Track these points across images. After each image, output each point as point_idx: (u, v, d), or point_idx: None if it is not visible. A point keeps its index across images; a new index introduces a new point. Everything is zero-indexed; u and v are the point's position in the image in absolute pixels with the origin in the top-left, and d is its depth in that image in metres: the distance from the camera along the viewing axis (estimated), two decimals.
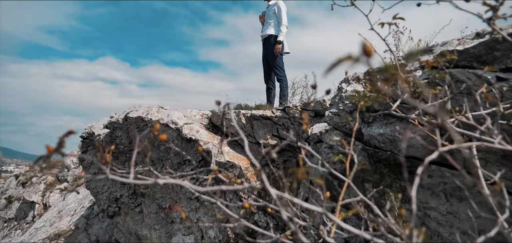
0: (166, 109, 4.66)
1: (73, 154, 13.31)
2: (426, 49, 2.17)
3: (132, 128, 4.70)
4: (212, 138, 4.41)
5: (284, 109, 4.14)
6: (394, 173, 2.35)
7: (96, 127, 5.87)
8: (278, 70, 6.24)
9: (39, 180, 13.92)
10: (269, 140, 4.22)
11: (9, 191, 15.48)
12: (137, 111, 4.67)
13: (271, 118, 4.18)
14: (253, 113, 4.27)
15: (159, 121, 4.43)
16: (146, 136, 4.62)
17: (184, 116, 4.58)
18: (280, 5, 6.35)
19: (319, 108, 3.92)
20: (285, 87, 6.21)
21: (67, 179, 12.76)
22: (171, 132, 4.39)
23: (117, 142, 5.09)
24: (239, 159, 4.29)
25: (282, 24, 6.27)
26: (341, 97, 2.67)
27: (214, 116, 4.61)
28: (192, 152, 4.33)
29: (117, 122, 4.87)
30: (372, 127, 2.32)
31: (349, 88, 2.67)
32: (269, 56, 6.32)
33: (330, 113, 2.69)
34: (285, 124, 4.13)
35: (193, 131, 4.30)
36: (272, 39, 6.32)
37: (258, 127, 4.28)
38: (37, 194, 13.10)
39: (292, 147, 4.17)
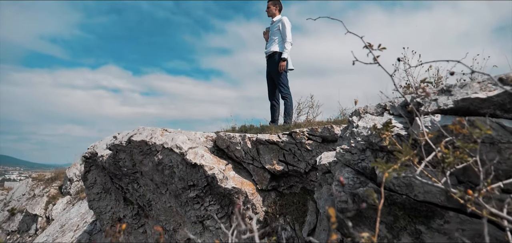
0: (170, 132, 4.58)
1: (75, 166, 13.24)
2: (444, 89, 2.07)
3: (135, 152, 4.62)
4: (217, 163, 4.32)
5: (290, 134, 4.05)
6: (409, 216, 2.25)
7: (99, 147, 5.79)
8: (283, 88, 6.16)
9: (42, 193, 13.86)
10: (275, 165, 4.12)
11: (12, 202, 15.43)
12: (140, 134, 4.59)
13: (277, 143, 4.09)
14: (259, 137, 4.18)
15: (163, 145, 4.35)
16: (150, 159, 4.53)
17: (189, 140, 4.49)
18: (285, 22, 6.29)
19: (326, 134, 3.82)
20: (290, 105, 6.12)
21: (69, 191, 12.69)
22: (175, 156, 4.30)
23: (121, 164, 5.01)
24: (244, 184, 4.19)
25: (286, 41, 6.21)
26: (353, 132, 2.58)
27: (219, 139, 4.53)
28: (197, 177, 4.24)
29: (120, 145, 4.79)
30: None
31: (361, 123, 2.58)
32: (274, 73, 6.24)
33: (342, 150, 2.60)
34: (291, 149, 4.04)
35: (198, 156, 4.21)
36: (276, 56, 6.25)
37: (264, 152, 4.19)
38: (40, 207, 13.04)
39: (298, 172, 4.08)
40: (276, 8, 6.52)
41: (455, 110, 1.88)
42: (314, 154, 3.89)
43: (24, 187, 15.44)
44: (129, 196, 5.45)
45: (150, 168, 4.57)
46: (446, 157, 1.21)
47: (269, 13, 6.56)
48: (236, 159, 4.47)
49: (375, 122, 2.49)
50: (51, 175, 15.25)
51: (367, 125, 2.48)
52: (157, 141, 4.40)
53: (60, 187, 13.49)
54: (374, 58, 1.39)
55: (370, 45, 1.41)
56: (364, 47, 1.42)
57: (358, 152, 2.48)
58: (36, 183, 15.10)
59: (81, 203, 11.27)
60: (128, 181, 5.18)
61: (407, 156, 1.37)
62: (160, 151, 4.40)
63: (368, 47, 1.41)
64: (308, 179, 4.06)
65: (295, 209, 4.07)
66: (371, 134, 2.37)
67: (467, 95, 1.82)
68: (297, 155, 4.01)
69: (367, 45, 1.41)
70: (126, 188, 5.32)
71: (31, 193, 14.64)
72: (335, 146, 3.85)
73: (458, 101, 1.84)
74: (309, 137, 3.92)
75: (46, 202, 12.97)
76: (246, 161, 4.34)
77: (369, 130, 2.42)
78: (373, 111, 2.68)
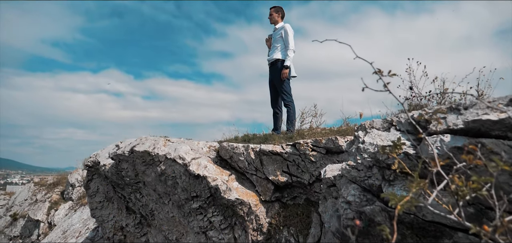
0: (173, 142, 4.55)
1: (77, 171, 13.23)
2: (453, 107, 2.03)
3: (138, 162, 4.59)
4: (221, 173, 4.28)
5: (294, 145, 4.01)
6: (417, 236, 2.20)
7: (101, 155, 5.77)
8: (285, 96, 6.12)
9: (44, 198, 13.84)
10: (279, 176, 4.08)
11: (14, 207, 15.42)
12: (143, 144, 4.56)
13: (281, 154, 4.05)
14: (262, 148, 4.14)
15: (166, 156, 4.32)
16: (153, 170, 4.50)
17: (192, 150, 4.46)
18: (287, 29, 6.26)
19: (330, 146, 3.78)
20: (292, 113, 6.08)
21: (71, 197, 12.67)
22: (178, 167, 4.27)
23: (123, 174, 4.98)
24: (248, 196, 4.15)
25: (289, 49, 6.18)
26: (359, 148, 2.54)
27: (222, 150, 4.49)
28: (200, 188, 4.21)
29: (122, 155, 4.76)
30: (394, 187, 2.18)
31: (367, 138, 2.54)
32: (276, 81, 6.21)
33: (348, 166, 2.56)
34: (295, 161, 4.00)
35: (200, 167, 4.18)
36: (279, 64, 6.22)
37: (268, 163, 4.15)
38: (42, 212, 13.02)
39: (302, 183, 4.04)
40: (278, 15, 6.49)
41: (465, 131, 1.85)
42: (318, 165, 3.85)
43: (26, 192, 15.44)
44: (131, 205, 5.42)
45: (153, 178, 4.54)
46: (460, 190, 1.17)
47: (271, 20, 6.54)
48: (239, 170, 4.44)
49: (381, 138, 2.45)
50: (53, 180, 15.24)
51: (374, 141, 2.45)
52: (160, 152, 4.37)
53: (62, 193, 13.48)
54: (384, 85, 1.36)
55: (380, 71, 1.38)
56: (374, 73, 1.38)
57: (365, 169, 2.44)
58: (38, 188, 15.09)
59: (83, 209, 11.25)
60: (130, 191, 5.15)
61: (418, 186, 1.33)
62: (163, 162, 4.36)
63: (378, 73, 1.37)
64: (312, 190, 4.02)
65: (299, 221, 4.03)
66: (378, 151, 2.33)
67: (477, 116, 1.78)
68: (301, 166, 3.97)
69: (377, 71, 1.38)
70: (129, 197, 5.30)
71: (33, 198, 14.63)
72: (339, 157, 3.81)
73: (469, 122, 1.80)
74: (313, 148, 3.88)
75: (48, 207, 12.95)
76: (250, 172, 4.31)
77: (375, 147, 2.38)
78: (379, 127, 2.64)
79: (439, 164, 1.35)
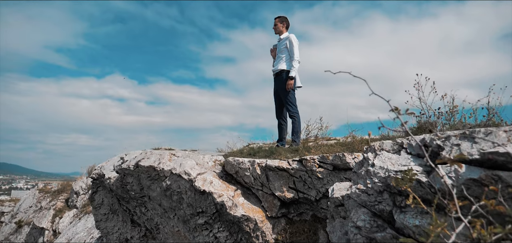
0: (178, 157, 4.51)
1: (82, 179, 13.24)
2: (467, 134, 1.98)
3: (143, 177, 4.56)
4: (226, 189, 4.24)
5: (301, 161, 3.97)
6: None
7: (106, 168, 5.75)
8: (290, 107, 6.08)
9: (48, 205, 13.86)
10: (285, 192, 4.04)
11: (19, 214, 15.45)
12: (148, 159, 4.53)
13: (287, 170, 4.01)
14: (268, 164, 4.10)
15: (171, 171, 4.28)
16: (158, 185, 4.47)
17: (197, 165, 4.42)
18: (292, 39, 6.22)
19: (337, 162, 3.73)
20: (298, 124, 6.03)
21: (76, 205, 12.67)
22: (184, 183, 4.23)
23: (128, 187, 4.95)
24: (254, 212, 4.11)
25: (294, 59, 6.14)
26: (369, 171, 2.49)
27: (227, 165, 4.45)
28: (206, 204, 4.17)
29: (128, 169, 4.74)
30: (406, 215, 2.13)
31: (377, 161, 2.49)
32: (281, 91, 6.17)
33: (357, 190, 2.51)
34: (302, 177, 3.95)
35: (206, 182, 4.14)
36: (284, 75, 6.18)
37: (274, 178, 4.11)
38: (47, 220, 13.02)
39: (308, 200, 3.99)
40: (283, 25, 6.46)
41: (480, 161, 1.79)
42: (325, 182, 3.80)
43: (31, 199, 15.47)
44: (136, 218, 5.39)
45: (158, 193, 4.51)
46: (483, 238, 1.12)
47: (276, 30, 6.51)
48: (245, 185, 4.39)
49: (392, 161, 2.40)
50: (57, 187, 15.27)
51: (384, 165, 2.40)
52: (165, 167, 4.34)
53: (67, 200, 13.48)
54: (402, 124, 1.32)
55: (396, 109, 1.34)
56: (391, 111, 1.34)
57: (375, 194, 2.39)
58: (43, 195, 15.12)
59: (88, 217, 11.24)
60: (135, 204, 5.12)
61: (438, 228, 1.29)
62: (168, 177, 4.33)
63: (395, 111, 1.33)
64: (319, 206, 3.97)
65: (305, 238, 3.98)
66: (388, 176, 2.28)
67: (494, 147, 1.73)
68: (307, 182, 3.92)
69: (393, 109, 1.34)
70: (134, 210, 5.27)
71: (38, 205, 14.66)
72: (346, 174, 3.76)
73: (485, 154, 1.75)
74: (320, 165, 3.84)
75: (53, 215, 12.96)
76: (255, 187, 4.27)
77: (386, 171, 2.33)
78: (389, 149, 2.59)
79: (458, 207, 1.30)
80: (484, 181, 1.71)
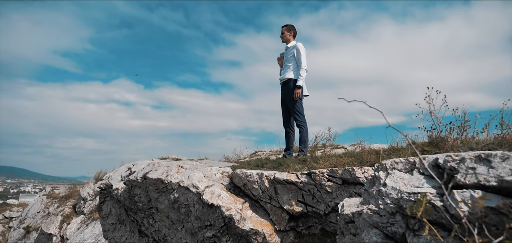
0: (186, 169, 4.50)
1: (89, 185, 13.30)
2: (482, 158, 1.94)
3: (151, 189, 4.55)
4: (234, 202, 4.22)
5: (309, 175, 3.93)
6: None
7: (113, 178, 5.75)
8: (298, 116, 6.05)
9: (56, 211, 13.94)
10: (294, 206, 4.00)
11: (27, 220, 15.57)
12: (156, 171, 4.52)
13: (296, 183, 3.97)
14: (277, 177, 4.07)
15: (179, 183, 4.27)
16: (166, 197, 4.46)
17: (205, 177, 4.41)
18: (299, 48, 6.20)
19: (347, 177, 3.69)
20: (305, 133, 6.00)
21: (83, 211, 12.72)
22: (191, 195, 4.22)
23: (136, 199, 4.95)
24: (262, 225, 4.08)
25: (301, 68, 6.11)
26: (380, 191, 2.45)
27: (235, 177, 4.43)
28: (214, 217, 4.15)
29: (135, 181, 4.73)
30: (419, 238, 2.09)
31: (389, 181, 2.45)
32: (288, 100, 6.14)
33: (369, 211, 2.47)
34: (311, 191, 3.91)
35: (214, 195, 4.12)
36: (291, 83, 6.15)
37: (282, 192, 4.08)
38: (55, 226, 13.09)
39: (317, 213, 3.95)
40: (290, 34, 6.44)
41: (498, 189, 1.75)
42: (334, 196, 3.76)
43: (39, 204, 15.59)
44: (144, 229, 5.38)
45: (166, 205, 4.50)
46: None
47: (283, 39, 6.49)
48: (253, 197, 4.37)
49: (404, 182, 2.36)
50: (65, 193, 15.36)
51: (396, 186, 2.35)
52: (173, 179, 4.32)
53: (74, 206, 13.55)
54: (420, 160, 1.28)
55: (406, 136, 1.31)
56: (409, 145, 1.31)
57: (387, 215, 2.35)
58: (51, 200, 15.22)
59: (95, 223, 11.27)
60: (143, 215, 5.11)
61: None
62: (176, 189, 4.32)
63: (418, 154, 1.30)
64: (328, 220, 3.93)
65: None
66: (401, 198, 2.24)
67: None
68: (316, 196, 3.89)
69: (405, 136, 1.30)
70: (142, 221, 5.26)
71: (46, 210, 14.76)
72: (356, 189, 3.72)
73: (503, 181, 1.71)
74: (329, 178, 3.80)
75: (60, 221, 13.02)
76: (264, 200, 4.24)
77: (398, 193, 2.29)
78: (401, 168, 2.55)
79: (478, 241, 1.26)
80: (502, 209, 1.67)
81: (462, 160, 2.09)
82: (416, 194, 2.15)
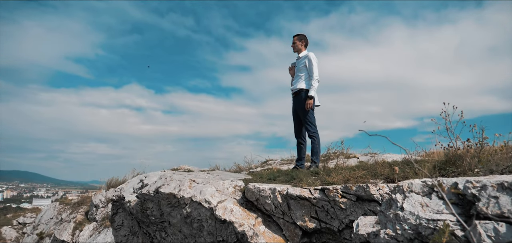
0: (198, 184, 4.50)
1: (101, 192, 13.42)
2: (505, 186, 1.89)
3: (163, 203, 4.56)
4: (247, 217, 4.20)
5: (323, 191, 3.89)
6: None
7: (125, 190, 5.79)
8: (310, 126, 6.01)
9: (68, 218, 14.10)
10: (307, 222, 3.96)
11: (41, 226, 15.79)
12: (168, 186, 4.53)
13: (309, 199, 3.93)
14: (290, 192, 4.03)
15: (191, 198, 4.27)
16: (179, 212, 4.46)
17: (217, 191, 4.40)
18: (311, 58, 6.16)
19: (361, 193, 3.64)
20: (317, 144, 5.95)
21: (95, 218, 12.84)
22: (204, 211, 4.21)
23: (148, 213, 4.96)
24: (275, 241, 4.05)
25: (313, 78, 6.08)
26: (398, 216, 2.40)
27: (248, 192, 4.41)
28: (226, 233, 4.13)
29: (148, 194, 4.75)
30: None
31: (407, 205, 2.40)
32: (300, 111, 6.11)
33: (386, 236, 2.43)
34: (324, 207, 3.87)
35: (227, 211, 4.11)
36: (303, 94, 6.12)
37: (295, 207, 4.04)
38: (67, 233, 13.23)
39: (331, 230, 3.90)
40: (302, 44, 6.41)
41: None
42: (348, 212, 3.71)
43: (52, 210, 15.80)
44: (156, 242, 5.40)
45: (178, 220, 4.50)
46: None
47: (295, 48, 6.46)
48: (266, 212, 4.34)
49: (423, 208, 2.31)
50: (77, 199, 15.54)
51: (415, 211, 2.31)
52: (185, 194, 4.33)
53: (87, 213, 13.68)
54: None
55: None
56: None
57: (405, 241, 2.30)
58: (63, 207, 15.41)
59: (107, 231, 11.36)
60: (155, 229, 5.13)
61: None
62: (188, 204, 4.32)
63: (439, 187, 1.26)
64: (342, 237, 3.88)
65: None
66: (420, 224, 2.19)
67: None
68: (330, 212, 3.84)
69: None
70: (154, 234, 5.28)
71: (59, 217, 14.94)
72: (371, 206, 3.66)
73: None
74: (343, 195, 3.75)
75: (73, 227, 13.16)
76: (276, 215, 4.21)
77: (417, 218, 2.24)
78: (419, 191, 2.50)
79: None
80: None
81: (483, 187, 2.03)
82: (436, 221, 2.11)
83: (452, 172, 3.08)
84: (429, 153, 6.86)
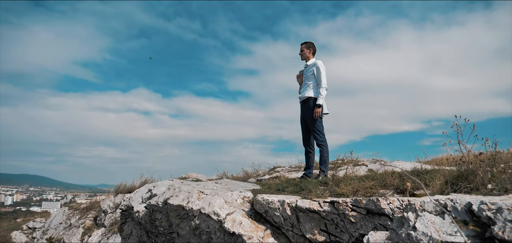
0: (207, 195, 4.50)
1: (109, 197, 13.50)
2: None
3: (172, 215, 4.56)
4: (256, 229, 4.18)
5: (332, 204, 3.86)
6: None
7: (134, 199, 5.81)
8: (318, 135, 5.98)
9: (77, 223, 14.21)
10: (317, 235, 3.93)
11: (50, 231, 15.93)
12: (177, 197, 4.53)
13: (319, 212, 3.91)
14: (299, 205, 4.01)
15: (200, 210, 4.27)
16: (187, 224, 4.46)
17: (226, 203, 4.39)
18: (319, 66, 6.14)
19: (371, 207, 3.60)
20: (326, 153, 5.92)
21: (104, 223, 12.92)
22: (213, 223, 4.21)
23: (157, 224, 4.97)
24: None
25: (321, 86, 6.05)
26: (410, 236, 2.37)
27: (256, 204, 4.39)
28: None
29: (156, 205, 4.76)
30: None
31: (419, 225, 2.37)
32: (308, 119, 6.08)
33: None
34: (334, 220, 3.84)
35: (236, 223, 4.10)
36: (311, 102, 6.10)
37: (305, 220, 4.01)
38: (76, 238, 13.33)
39: None
40: (309, 51, 6.39)
41: None
42: (358, 226, 3.68)
43: (61, 215, 15.94)
44: None
45: (187, 231, 4.50)
46: None
47: (302, 56, 6.44)
48: (275, 224, 4.32)
49: (436, 227, 2.27)
50: (86, 204, 15.67)
51: (428, 231, 2.27)
52: (194, 206, 4.32)
53: (95, 218, 13.78)
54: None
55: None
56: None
57: None
58: (72, 212, 15.54)
59: (115, 236, 11.42)
60: (164, 240, 5.13)
61: None
62: (197, 216, 4.32)
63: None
64: None
65: None
66: None
67: None
68: (340, 226, 3.81)
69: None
70: None
71: (68, 222, 15.07)
72: (381, 220, 3.62)
73: None
74: (353, 208, 3.72)
75: (82, 233, 13.26)
76: (285, 227, 4.18)
77: (430, 239, 2.20)
78: (431, 210, 2.46)
79: None
80: None
81: (498, 210, 2.00)
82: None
83: (465, 187, 3.03)
84: (439, 158, 6.77)
